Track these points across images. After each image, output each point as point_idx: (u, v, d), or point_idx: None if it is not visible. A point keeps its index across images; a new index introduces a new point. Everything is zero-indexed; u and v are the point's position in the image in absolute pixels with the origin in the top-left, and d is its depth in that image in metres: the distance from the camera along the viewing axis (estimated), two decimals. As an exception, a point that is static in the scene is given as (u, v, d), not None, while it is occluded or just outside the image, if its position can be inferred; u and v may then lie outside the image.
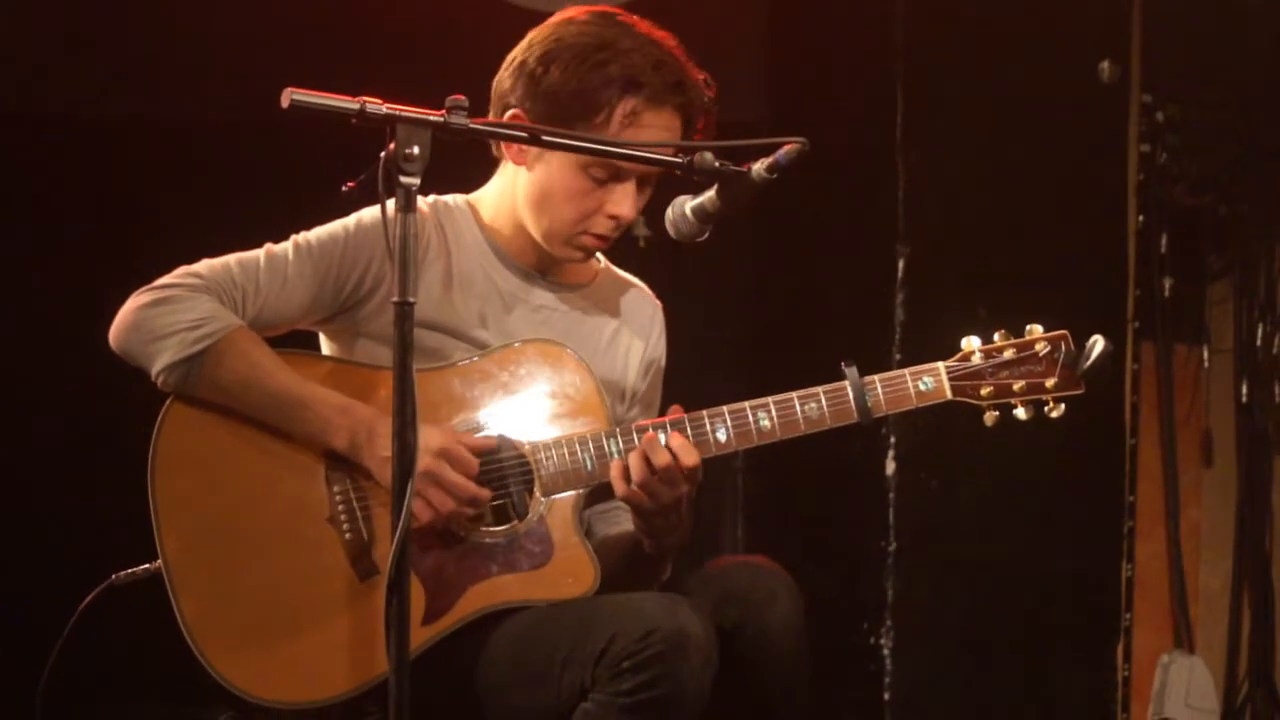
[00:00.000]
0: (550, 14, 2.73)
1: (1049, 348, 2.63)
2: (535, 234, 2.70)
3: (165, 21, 3.98)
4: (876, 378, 2.60)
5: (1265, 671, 4.42)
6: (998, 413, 2.63)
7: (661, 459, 2.54)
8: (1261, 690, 4.41)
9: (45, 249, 3.96)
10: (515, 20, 2.77)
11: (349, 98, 2.27)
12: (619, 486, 2.56)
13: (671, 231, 2.57)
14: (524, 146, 2.66)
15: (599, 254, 2.83)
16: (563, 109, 2.62)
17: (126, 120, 4.02)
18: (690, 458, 2.55)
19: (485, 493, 2.55)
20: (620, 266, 2.88)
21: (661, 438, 2.56)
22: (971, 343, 2.63)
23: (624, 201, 2.64)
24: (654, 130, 2.62)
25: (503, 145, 2.72)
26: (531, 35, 2.70)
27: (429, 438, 2.49)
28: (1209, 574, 4.58)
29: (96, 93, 4.01)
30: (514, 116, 2.67)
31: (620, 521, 2.75)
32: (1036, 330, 2.65)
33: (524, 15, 2.78)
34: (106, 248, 3.82)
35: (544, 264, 2.75)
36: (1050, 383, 2.62)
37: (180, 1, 3.98)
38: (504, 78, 2.70)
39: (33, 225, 3.98)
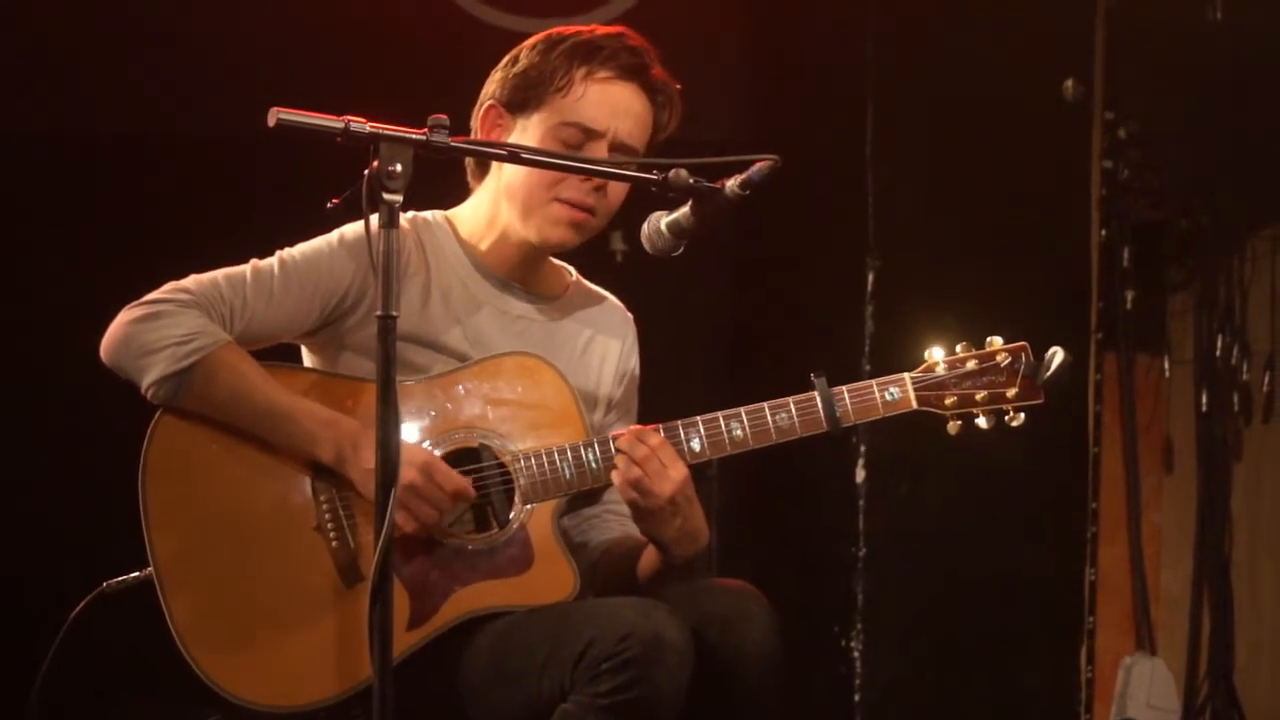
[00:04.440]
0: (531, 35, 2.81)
1: (1010, 359, 2.67)
2: (517, 223, 2.72)
3: (151, 39, 4.01)
4: (845, 388, 2.65)
5: (1225, 672, 4.45)
6: (960, 422, 2.67)
7: (641, 451, 2.59)
8: (1221, 690, 4.44)
9: (38, 261, 3.97)
10: (498, 42, 2.82)
11: (334, 117, 2.32)
12: (620, 489, 2.62)
13: (647, 246, 2.61)
14: (501, 126, 2.72)
15: (571, 268, 2.87)
16: (529, 86, 2.70)
17: (113, 138, 4.05)
18: (667, 451, 2.60)
19: (470, 502, 2.60)
20: (596, 280, 2.92)
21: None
22: (935, 354, 2.68)
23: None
24: (620, 98, 2.69)
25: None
26: None
27: (412, 452, 2.53)
28: (1170, 577, 4.63)
29: (81, 109, 4.04)
30: (488, 110, 2.74)
31: (611, 525, 2.80)
32: (997, 342, 2.69)
33: (507, 37, 2.83)
34: (97, 261, 3.83)
35: (520, 275, 2.79)
36: (1011, 393, 2.67)
37: (166, 20, 4.01)
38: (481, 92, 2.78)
39: (27, 238, 3.99)
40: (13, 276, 3.99)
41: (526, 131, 2.71)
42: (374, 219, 2.33)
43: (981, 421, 2.67)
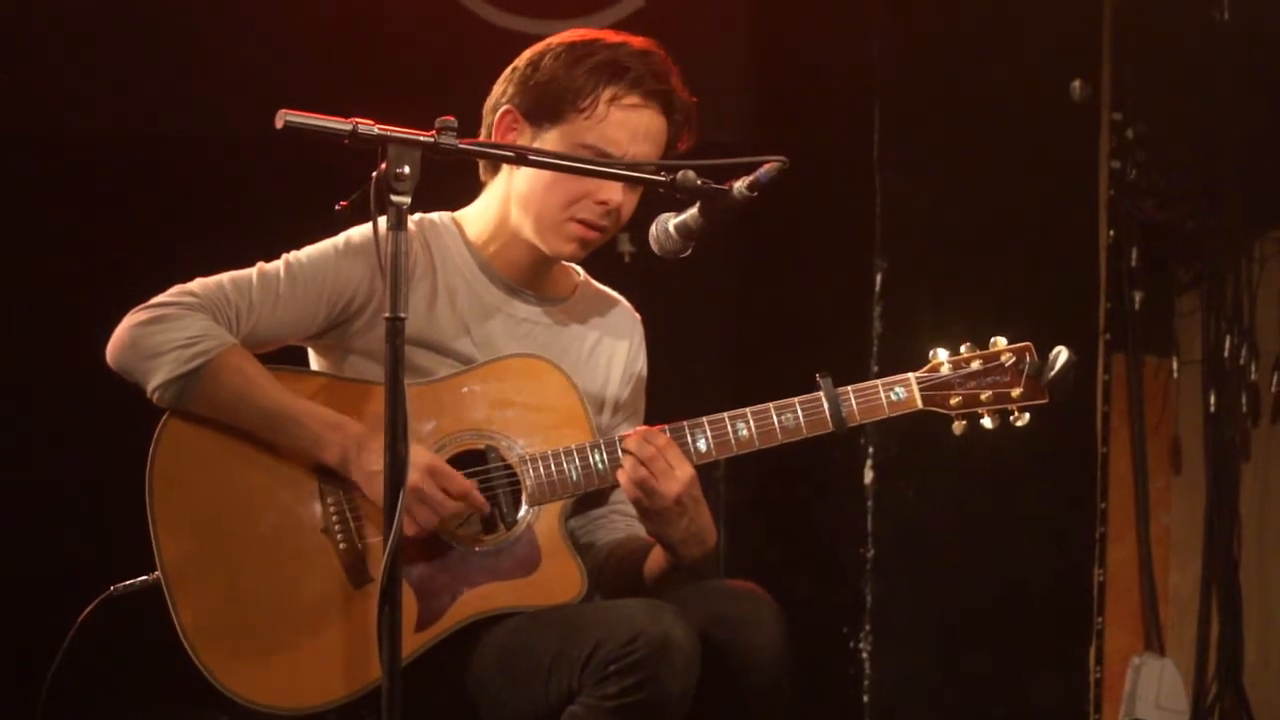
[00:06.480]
0: (541, 37, 2.80)
1: (1014, 359, 2.68)
2: (528, 232, 2.72)
3: (157, 39, 4.02)
4: (850, 388, 2.65)
5: (1233, 673, 4.46)
6: (966, 422, 2.67)
7: (647, 451, 2.59)
8: (1230, 691, 4.45)
9: (42, 263, 3.97)
10: (506, 43, 2.81)
11: (341, 119, 2.32)
12: (626, 489, 2.62)
13: (655, 247, 2.61)
14: (517, 130, 2.70)
15: (579, 268, 2.87)
16: (551, 99, 2.68)
17: (121, 138, 4.06)
18: (674, 451, 2.60)
19: (475, 505, 2.60)
20: (604, 281, 2.91)
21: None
22: (939, 354, 2.68)
23: (612, 187, 2.67)
24: (640, 123, 2.67)
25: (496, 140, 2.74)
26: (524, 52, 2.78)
27: (417, 455, 2.53)
28: (1179, 578, 4.63)
29: (89, 108, 4.05)
30: (505, 114, 2.72)
31: (617, 526, 2.80)
32: (1001, 342, 2.69)
33: (514, 38, 2.83)
34: (102, 263, 3.83)
35: (527, 278, 2.79)
36: (1016, 392, 2.67)
37: (173, 19, 4.02)
38: (495, 88, 2.76)
39: (32, 239, 3.99)
40: (20, 277, 3.99)
41: (544, 145, 2.69)
42: (381, 221, 2.33)
43: (986, 421, 2.68)
